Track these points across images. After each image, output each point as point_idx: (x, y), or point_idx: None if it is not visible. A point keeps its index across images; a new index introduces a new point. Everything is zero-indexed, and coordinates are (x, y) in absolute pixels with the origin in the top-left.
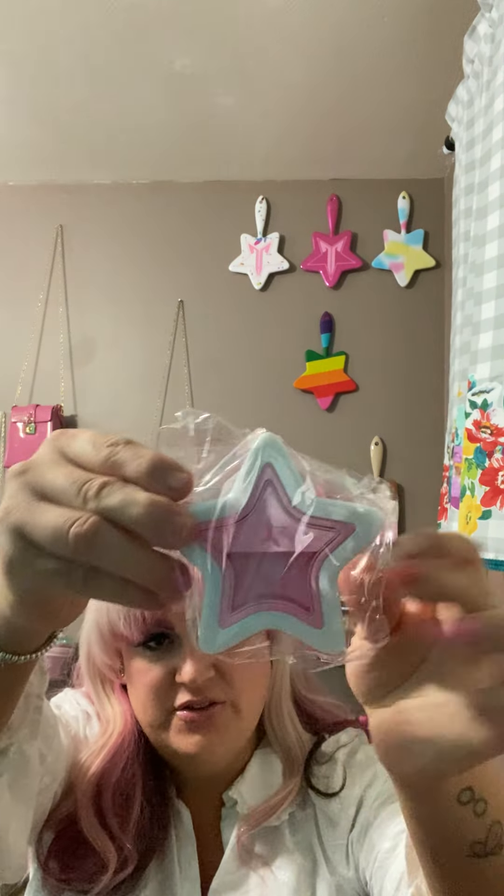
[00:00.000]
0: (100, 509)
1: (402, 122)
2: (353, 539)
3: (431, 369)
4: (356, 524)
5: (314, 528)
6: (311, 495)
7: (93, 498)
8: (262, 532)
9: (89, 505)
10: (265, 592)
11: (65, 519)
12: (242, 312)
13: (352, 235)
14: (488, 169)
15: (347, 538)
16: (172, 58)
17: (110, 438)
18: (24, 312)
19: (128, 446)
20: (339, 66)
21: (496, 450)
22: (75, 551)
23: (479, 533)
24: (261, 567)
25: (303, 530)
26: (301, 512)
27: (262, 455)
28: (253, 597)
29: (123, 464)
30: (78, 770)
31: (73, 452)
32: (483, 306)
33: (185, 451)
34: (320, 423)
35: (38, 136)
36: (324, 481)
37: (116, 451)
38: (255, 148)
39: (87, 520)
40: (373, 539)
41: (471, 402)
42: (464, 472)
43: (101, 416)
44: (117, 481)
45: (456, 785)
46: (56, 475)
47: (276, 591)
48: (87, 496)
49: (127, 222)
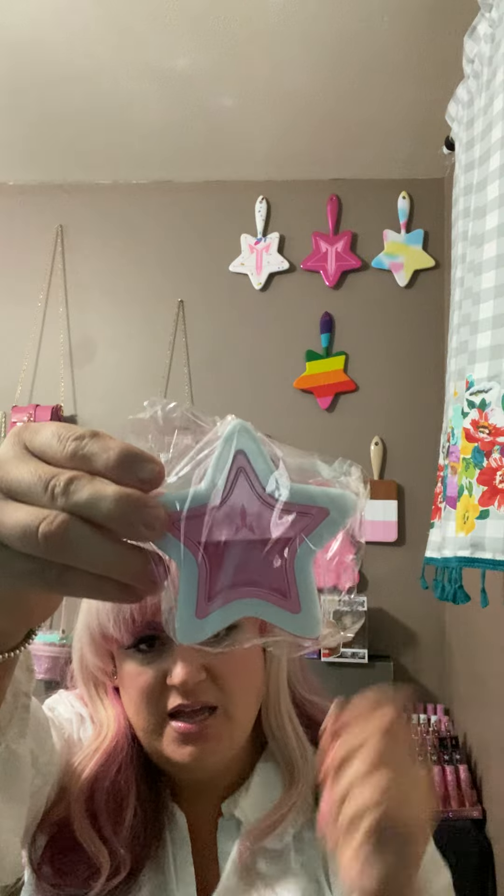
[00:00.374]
0: (69, 506)
1: (402, 122)
2: (327, 523)
3: (431, 369)
4: (330, 508)
5: (288, 513)
6: (285, 481)
7: (61, 494)
8: (236, 520)
9: (58, 502)
10: (241, 580)
11: (33, 518)
12: (242, 312)
13: (352, 235)
14: (487, 168)
15: (322, 522)
16: (172, 58)
17: (76, 431)
18: (24, 312)
19: (95, 438)
20: (339, 66)
21: (494, 449)
22: (46, 551)
23: (476, 532)
24: (236, 555)
25: (277, 516)
26: (274, 498)
27: (233, 442)
28: (229, 585)
29: (91, 457)
30: (71, 773)
31: (37, 447)
32: (481, 306)
33: (153, 440)
34: (320, 423)
35: (39, 136)
36: (296, 466)
37: (83, 445)
38: (255, 148)
39: (55, 518)
40: (347, 522)
41: (469, 402)
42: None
43: (101, 416)
44: (84, 475)
45: None
46: (21, 472)
47: (252, 578)
48: (55, 493)
49: (127, 222)
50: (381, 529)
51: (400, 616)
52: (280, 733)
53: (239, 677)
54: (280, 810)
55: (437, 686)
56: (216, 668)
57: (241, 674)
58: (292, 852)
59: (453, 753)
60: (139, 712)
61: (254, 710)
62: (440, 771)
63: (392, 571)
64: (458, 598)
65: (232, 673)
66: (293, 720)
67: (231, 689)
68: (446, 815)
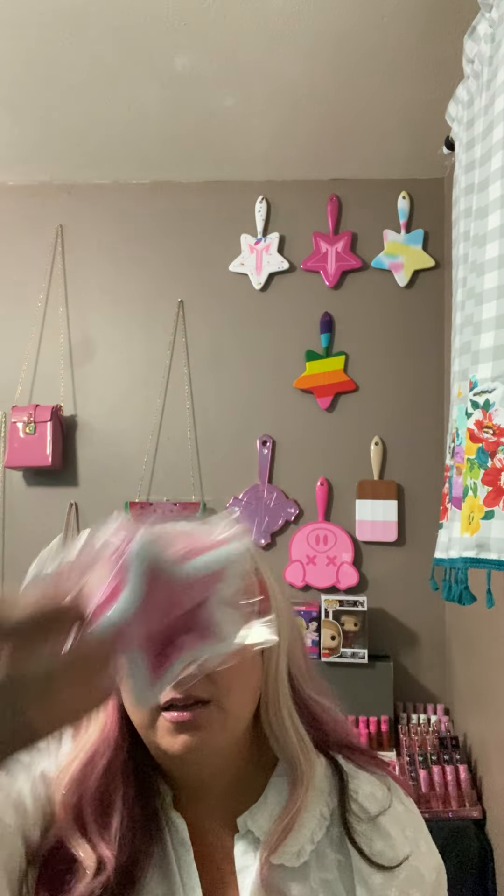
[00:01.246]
0: None
1: (402, 122)
2: (229, 576)
3: (431, 369)
4: (226, 566)
5: (200, 583)
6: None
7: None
8: (162, 608)
9: None
10: (178, 641)
11: None
12: (242, 312)
13: (352, 235)
14: (488, 169)
15: (225, 577)
16: (172, 58)
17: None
18: (24, 312)
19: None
20: (338, 66)
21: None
22: None
23: (481, 533)
24: (170, 629)
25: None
26: (186, 580)
27: (140, 554)
28: (169, 651)
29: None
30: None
31: None
32: (484, 306)
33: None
34: (320, 423)
35: (39, 136)
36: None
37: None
38: (255, 148)
39: None
40: (243, 567)
41: (472, 403)
42: (466, 472)
43: (100, 416)
44: None
45: None
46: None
47: (185, 635)
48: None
49: (127, 222)
50: (381, 529)
51: (400, 616)
52: (280, 731)
53: (231, 671)
54: (289, 812)
55: (437, 686)
56: None
57: (233, 668)
58: (312, 870)
59: (453, 753)
60: (135, 710)
61: (249, 705)
62: (440, 771)
63: (392, 571)
64: (464, 598)
65: (228, 668)
66: (293, 717)
67: (223, 683)
68: (446, 816)
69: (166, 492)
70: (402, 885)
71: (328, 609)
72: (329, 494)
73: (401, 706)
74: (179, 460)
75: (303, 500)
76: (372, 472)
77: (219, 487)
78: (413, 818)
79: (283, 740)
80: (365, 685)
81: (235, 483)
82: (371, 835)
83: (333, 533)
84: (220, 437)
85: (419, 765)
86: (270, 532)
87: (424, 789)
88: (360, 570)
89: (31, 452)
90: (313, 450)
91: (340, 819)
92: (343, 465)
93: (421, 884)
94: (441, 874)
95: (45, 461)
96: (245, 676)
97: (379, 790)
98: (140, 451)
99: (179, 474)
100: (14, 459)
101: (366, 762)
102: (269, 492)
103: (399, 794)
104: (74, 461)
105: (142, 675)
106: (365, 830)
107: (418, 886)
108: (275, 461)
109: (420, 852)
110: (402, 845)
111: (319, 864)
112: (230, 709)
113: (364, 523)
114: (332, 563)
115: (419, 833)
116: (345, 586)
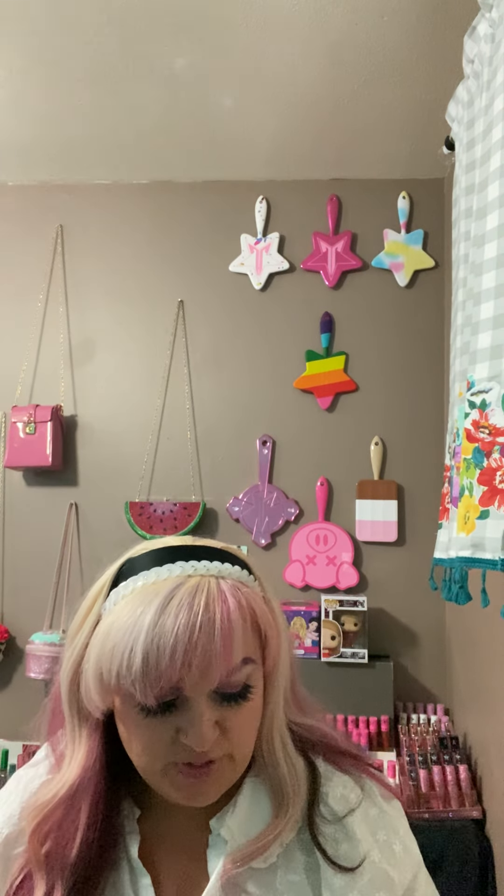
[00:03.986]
0: None
1: (402, 122)
2: None
3: (431, 369)
4: None
5: None
6: None
7: None
8: None
9: None
10: None
11: None
12: (242, 312)
13: (352, 235)
14: (488, 169)
15: None
16: (172, 58)
17: None
18: (24, 312)
19: None
20: (338, 66)
21: (494, 449)
22: None
23: (476, 533)
24: None
25: None
26: None
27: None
28: None
29: None
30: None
31: None
32: (482, 306)
33: None
34: (320, 423)
35: (38, 136)
36: None
37: None
38: (255, 148)
39: None
40: None
41: (469, 403)
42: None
43: (100, 417)
44: None
45: None
46: None
47: None
48: None
49: (127, 222)
50: (381, 529)
51: (400, 616)
52: (271, 760)
53: (247, 726)
54: (266, 837)
55: (437, 686)
56: (228, 722)
57: (249, 723)
58: (279, 871)
59: (453, 753)
60: (142, 757)
61: (252, 748)
62: (440, 771)
63: (392, 571)
64: (460, 598)
65: (241, 725)
66: (286, 745)
67: (237, 740)
68: (446, 815)
69: (166, 492)
70: (366, 889)
71: (328, 609)
72: (329, 494)
73: (401, 706)
74: (179, 460)
75: (303, 500)
76: (372, 472)
77: (219, 487)
78: (388, 820)
79: (273, 771)
80: (365, 685)
81: (235, 483)
82: (338, 836)
83: (333, 533)
84: (220, 437)
85: (419, 765)
86: (270, 532)
87: (424, 789)
88: (360, 570)
89: (31, 452)
90: (313, 450)
91: (308, 821)
92: (343, 465)
93: (389, 887)
94: (420, 877)
95: (45, 461)
96: (253, 725)
97: (352, 792)
98: (140, 451)
99: (179, 474)
100: (14, 459)
101: (349, 765)
102: (269, 492)
103: (374, 797)
104: (74, 461)
105: None
106: (332, 832)
107: (386, 889)
108: (275, 461)
109: (391, 854)
110: (367, 847)
111: (287, 865)
112: (239, 758)
113: (364, 523)
114: (332, 563)
115: (393, 835)
116: (345, 586)
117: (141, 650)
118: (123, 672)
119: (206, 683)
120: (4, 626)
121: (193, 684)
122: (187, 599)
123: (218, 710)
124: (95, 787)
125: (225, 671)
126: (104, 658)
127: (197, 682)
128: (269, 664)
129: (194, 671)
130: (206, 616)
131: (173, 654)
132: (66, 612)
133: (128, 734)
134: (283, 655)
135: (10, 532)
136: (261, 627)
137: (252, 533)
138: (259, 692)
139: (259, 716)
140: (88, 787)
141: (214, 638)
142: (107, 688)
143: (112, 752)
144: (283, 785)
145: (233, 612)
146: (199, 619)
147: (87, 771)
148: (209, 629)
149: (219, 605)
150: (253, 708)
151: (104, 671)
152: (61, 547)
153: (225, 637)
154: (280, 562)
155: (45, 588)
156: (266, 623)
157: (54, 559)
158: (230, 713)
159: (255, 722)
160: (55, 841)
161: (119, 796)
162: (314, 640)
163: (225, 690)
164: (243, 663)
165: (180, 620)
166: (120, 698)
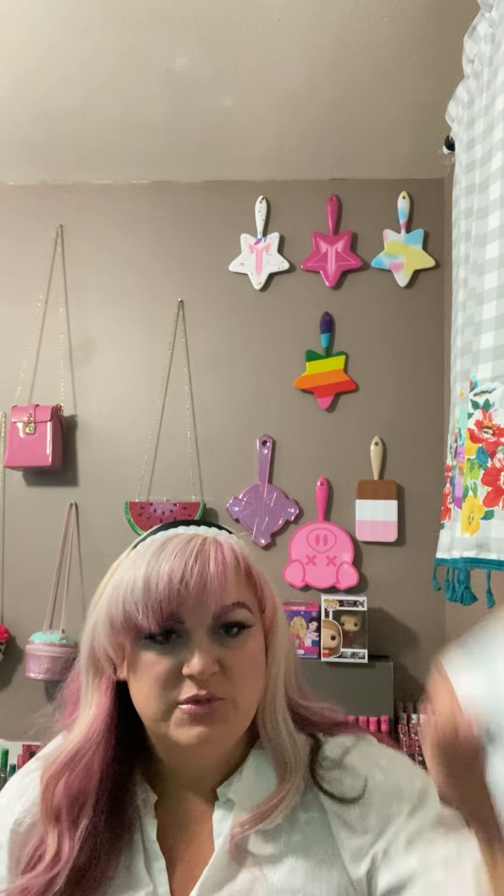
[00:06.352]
0: None
1: (402, 122)
2: None
3: (431, 369)
4: None
5: None
6: None
7: None
8: None
9: None
10: None
11: None
12: (242, 312)
13: (352, 235)
14: (489, 169)
15: None
16: (172, 58)
17: None
18: (24, 312)
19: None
20: (338, 65)
21: (498, 450)
22: None
23: (481, 533)
24: None
25: None
26: None
27: None
28: None
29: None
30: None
31: None
32: (484, 306)
33: None
34: (320, 423)
35: (38, 136)
36: None
37: None
38: (255, 148)
39: None
40: None
41: (473, 403)
42: (466, 472)
43: (100, 417)
44: None
45: None
46: None
47: None
48: None
49: (127, 222)
50: (381, 529)
51: (400, 616)
52: (274, 733)
53: (247, 672)
54: (271, 801)
55: None
56: (228, 662)
57: (249, 670)
58: (283, 833)
59: None
60: (150, 700)
61: (255, 705)
62: None
63: (392, 571)
64: (465, 598)
65: (242, 668)
66: (287, 721)
67: (240, 683)
68: None
69: (166, 492)
70: (381, 807)
71: (328, 609)
72: (329, 494)
73: (401, 706)
74: (179, 460)
75: (303, 500)
76: (372, 472)
77: (219, 487)
78: (387, 751)
79: (276, 742)
80: (365, 685)
81: (235, 483)
82: (340, 776)
83: (333, 533)
84: (220, 437)
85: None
86: (270, 532)
87: None
88: (360, 570)
89: (31, 452)
90: (313, 450)
91: (310, 775)
92: (343, 465)
93: (400, 794)
94: (429, 790)
95: (45, 461)
96: (256, 678)
97: (348, 740)
98: (140, 451)
99: (179, 474)
100: (14, 459)
101: (349, 731)
102: (269, 492)
103: (371, 740)
104: (74, 461)
105: None
106: (333, 775)
107: (399, 798)
108: (275, 461)
109: (395, 771)
110: (368, 772)
111: (290, 827)
112: (242, 706)
113: (364, 523)
114: (332, 563)
115: (396, 761)
116: (345, 586)
117: (142, 576)
118: (128, 598)
119: (203, 611)
120: (4, 626)
121: (191, 612)
122: (184, 541)
123: (218, 649)
124: (106, 745)
125: (220, 598)
126: (112, 597)
127: (194, 609)
128: (266, 622)
129: (192, 593)
130: (202, 554)
131: (171, 577)
132: (66, 612)
133: (137, 680)
134: (280, 623)
135: (10, 532)
136: (255, 580)
137: (252, 533)
138: (258, 645)
139: (261, 672)
140: (100, 741)
141: (209, 566)
142: (115, 627)
143: (125, 724)
144: (286, 755)
145: (227, 553)
146: (195, 553)
147: (98, 722)
148: (204, 559)
149: (214, 547)
150: (253, 657)
151: (112, 608)
152: (61, 547)
153: (219, 567)
154: (280, 562)
155: (45, 588)
156: (260, 579)
157: (54, 559)
158: (230, 653)
159: (256, 674)
160: (68, 798)
161: (133, 774)
162: (314, 641)
163: (223, 621)
164: (239, 606)
165: (177, 553)
166: (129, 640)
